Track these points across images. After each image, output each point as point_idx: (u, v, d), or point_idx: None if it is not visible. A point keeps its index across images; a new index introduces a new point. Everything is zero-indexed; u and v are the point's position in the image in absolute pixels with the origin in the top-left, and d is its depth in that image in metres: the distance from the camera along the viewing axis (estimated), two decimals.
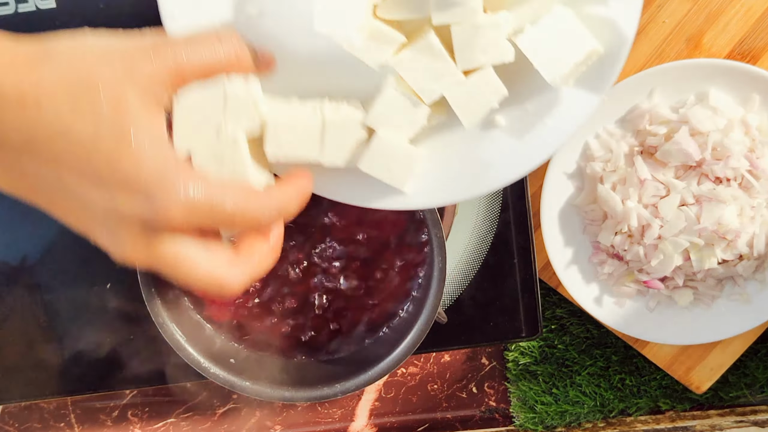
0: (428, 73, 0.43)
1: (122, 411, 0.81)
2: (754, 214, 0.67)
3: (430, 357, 0.80)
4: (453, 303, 0.70)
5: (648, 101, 0.67)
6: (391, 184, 0.46)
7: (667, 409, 0.80)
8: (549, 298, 0.77)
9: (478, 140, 0.47)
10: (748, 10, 0.68)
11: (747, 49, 0.69)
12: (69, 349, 0.70)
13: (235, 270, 0.39)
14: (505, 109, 0.47)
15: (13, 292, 0.69)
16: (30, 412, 0.81)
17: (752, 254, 0.68)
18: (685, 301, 0.71)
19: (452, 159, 0.48)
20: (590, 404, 0.79)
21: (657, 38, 0.69)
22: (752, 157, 0.66)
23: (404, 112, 0.44)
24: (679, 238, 0.66)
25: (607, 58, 0.45)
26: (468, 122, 0.45)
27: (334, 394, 0.57)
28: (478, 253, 0.69)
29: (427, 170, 0.48)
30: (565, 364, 0.79)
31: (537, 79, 0.44)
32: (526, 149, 0.47)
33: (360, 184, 0.47)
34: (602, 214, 0.70)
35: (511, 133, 0.47)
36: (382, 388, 0.81)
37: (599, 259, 0.71)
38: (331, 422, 0.82)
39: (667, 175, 0.66)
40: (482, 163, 0.47)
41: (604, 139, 0.68)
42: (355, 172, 0.46)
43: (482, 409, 0.82)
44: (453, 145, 0.48)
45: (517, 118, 0.47)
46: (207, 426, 0.82)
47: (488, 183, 0.47)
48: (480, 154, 0.47)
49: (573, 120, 0.46)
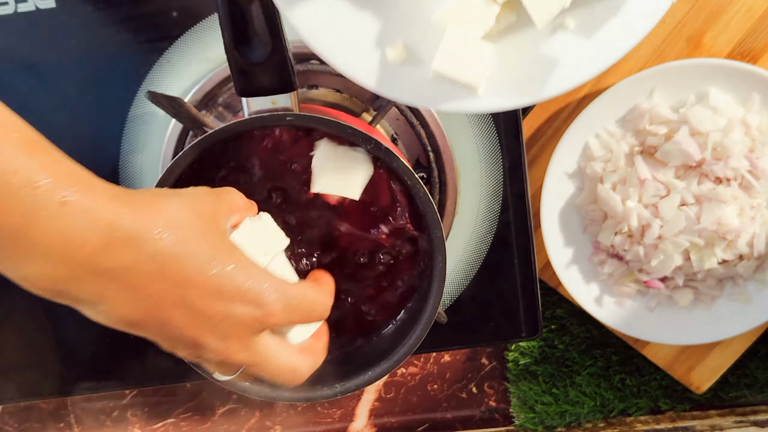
0: None
1: (122, 411, 0.81)
2: (754, 214, 0.67)
3: (430, 357, 0.80)
4: (453, 303, 0.70)
5: (648, 101, 0.67)
6: (464, 82, 0.46)
7: (667, 409, 0.80)
8: (549, 298, 0.77)
9: (549, 41, 0.47)
10: (748, 10, 0.68)
11: (747, 49, 0.69)
12: (69, 349, 0.70)
13: (306, 359, 0.48)
14: (574, 11, 0.47)
15: (13, 292, 0.69)
16: (30, 412, 0.81)
17: (752, 254, 0.68)
18: (685, 301, 0.71)
19: (523, 60, 0.48)
20: (590, 404, 0.79)
21: (657, 38, 0.69)
22: (752, 157, 0.65)
23: (475, 9, 0.45)
24: (679, 238, 0.66)
25: None
26: (540, 21, 0.45)
27: (334, 394, 0.57)
28: (478, 253, 0.69)
29: (499, 72, 0.48)
30: (565, 364, 0.79)
31: None
32: (596, 50, 0.47)
33: (433, 87, 0.48)
34: (602, 214, 0.70)
35: (581, 34, 0.47)
36: (382, 388, 0.81)
37: (599, 259, 0.71)
38: (331, 422, 0.82)
39: (667, 175, 0.66)
40: (553, 63, 0.47)
41: (604, 139, 0.68)
42: (428, 76, 0.47)
43: (482, 409, 0.82)
44: (523, 47, 0.48)
45: (586, 19, 0.47)
46: (207, 426, 0.82)
47: (558, 84, 0.47)
48: (550, 55, 0.47)
49: (640, 21, 0.46)
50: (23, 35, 0.65)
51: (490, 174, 0.68)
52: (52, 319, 0.69)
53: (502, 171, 0.68)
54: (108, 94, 0.67)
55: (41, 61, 0.66)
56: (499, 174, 0.68)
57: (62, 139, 0.68)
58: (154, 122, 0.68)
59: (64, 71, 0.67)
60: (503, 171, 0.68)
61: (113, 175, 0.68)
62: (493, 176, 0.68)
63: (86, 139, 0.68)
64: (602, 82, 0.70)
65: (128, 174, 0.69)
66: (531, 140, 0.72)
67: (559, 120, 0.72)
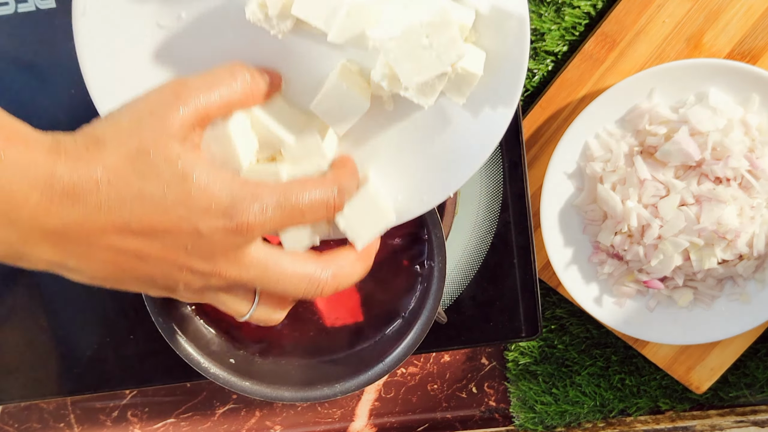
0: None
1: (122, 411, 0.81)
2: (754, 214, 0.67)
3: (430, 357, 0.80)
4: (453, 303, 0.70)
5: (648, 101, 0.67)
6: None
7: (667, 409, 0.80)
8: (549, 298, 0.77)
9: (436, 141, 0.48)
10: (748, 10, 0.68)
11: (747, 49, 0.69)
12: (69, 349, 0.70)
13: (324, 268, 0.44)
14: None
15: (13, 292, 0.69)
16: (30, 412, 0.81)
17: (752, 254, 0.68)
18: (685, 301, 0.71)
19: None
20: (590, 404, 0.79)
21: (657, 38, 0.69)
22: (752, 157, 0.66)
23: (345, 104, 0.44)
24: (679, 238, 0.66)
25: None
26: (426, 102, 0.44)
27: (334, 394, 0.57)
28: (478, 253, 0.69)
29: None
30: (565, 364, 0.79)
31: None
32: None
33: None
34: (602, 214, 0.70)
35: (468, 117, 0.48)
36: (382, 388, 0.81)
37: (599, 259, 0.71)
38: (331, 422, 0.82)
39: (667, 175, 0.66)
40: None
41: (604, 139, 0.68)
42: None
43: (482, 409, 0.82)
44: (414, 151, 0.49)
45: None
46: (207, 426, 0.82)
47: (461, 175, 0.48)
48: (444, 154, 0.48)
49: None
50: (23, 35, 0.65)
51: (490, 174, 0.68)
52: (52, 319, 0.69)
53: (502, 171, 0.68)
54: None
55: (41, 61, 0.66)
56: (499, 174, 0.68)
57: None
58: None
59: (64, 71, 0.67)
60: (503, 171, 0.68)
61: None
62: (493, 176, 0.68)
63: None
64: (602, 82, 0.70)
65: None
66: (531, 140, 0.72)
67: (559, 120, 0.72)
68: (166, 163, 0.39)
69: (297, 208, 0.42)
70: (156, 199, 0.39)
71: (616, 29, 0.69)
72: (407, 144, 0.48)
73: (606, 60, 0.70)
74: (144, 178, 0.39)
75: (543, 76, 0.73)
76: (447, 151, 0.48)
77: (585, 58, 0.70)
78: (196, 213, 0.39)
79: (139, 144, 0.39)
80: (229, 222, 0.40)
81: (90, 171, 0.38)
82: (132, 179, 0.39)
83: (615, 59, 0.70)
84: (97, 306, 0.69)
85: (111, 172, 0.38)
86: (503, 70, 0.46)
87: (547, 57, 0.73)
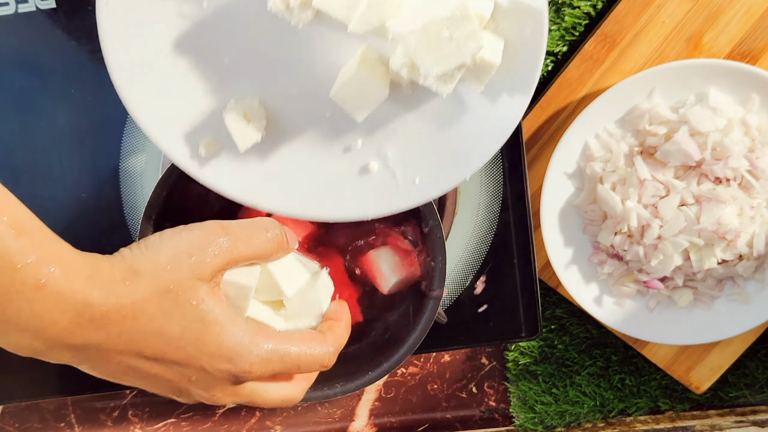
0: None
1: (122, 411, 0.81)
2: (754, 214, 0.67)
3: (430, 357, 0.80)
4: (453, 303, 0.70)
5: (648, 101, 0.67)
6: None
7: (666, 409, 0.80)
8: (549, 298, 0.77)
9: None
10: (748, 10, 0.68)
11: (747, 49, 0.69)
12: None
13: (296, 386, 0.50)
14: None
15: None
16: (30, 412, 0.81)
17: (752, 254, 0.68)
18: (685, 301, 0.71)
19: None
20: (590, 404, 0.79)
21: (657, 38, 0.69)
22: (752, 157, 0.66)
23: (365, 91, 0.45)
24: (679, 238, 0.66)
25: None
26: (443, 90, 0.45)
27: (334, 394, 0.57)
28: (478, 253, 0.69)
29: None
30: (565, 364, 0.79)
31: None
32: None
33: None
34: (602, 214, 0.70)
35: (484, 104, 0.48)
36: (382, 388, 0.81)
37: (599, 259, 0.71)
38: (331, 422, 0.82)
39: (667, 175, 0.66)
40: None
41: (604, 139, 0.68)
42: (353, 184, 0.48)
43: (482, 409, 0.82)
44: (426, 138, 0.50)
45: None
46: (207, 426, 0.82)
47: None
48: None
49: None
50: (24, 35, 0.65)
51: (490, 174, 0.68)
52: None
53: (502, 171, 0.68)
54: (108, 95, 0.67)
55: (41, 61, 0.66)
56: (499, 174, 0.68)
57: (62, 139, 0.68)
58: None
59: (64, 71, 0.67)
60: (503, 171, 0.68)
61: (113, 175, 0.68)
62: (493, 176, 0.68)
63: (86, 139, 0.68)
64: (602, 82, 0.70)
65: (128, 174, 0.69)
66: (531, 140, 0.72)
67: (559, 120, 0.72)
68: (191, 306, 0.44)
69: (295, 362, 0.47)
70: (173, 337, 0.44)
71: (616, 29, 0.69)
72: (425, 128, 0.49)
73: (606, 60, 0.70)
74: (167, 316, 0.43)
75: (543, 76, 0.73)
76: (464, 137, 0.49)
77: (585, 58, 0.70)
78: (205, 355, 0.44)
79: (172, 284, 0.44)
80: (233, 368, 0.45)
81: (120, 304, 0.42)
82: (156, 315, 0.43)
83: (615, 59, 0.70)
84: None
85: (138, 307, 0.43)
86: (521, 58, 0.47)
87: (547, 57, 0.73)
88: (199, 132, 0.49)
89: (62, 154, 0.68)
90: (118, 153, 0.68)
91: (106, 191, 0.68)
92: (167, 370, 0.45)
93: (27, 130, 0.67)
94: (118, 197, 0.69)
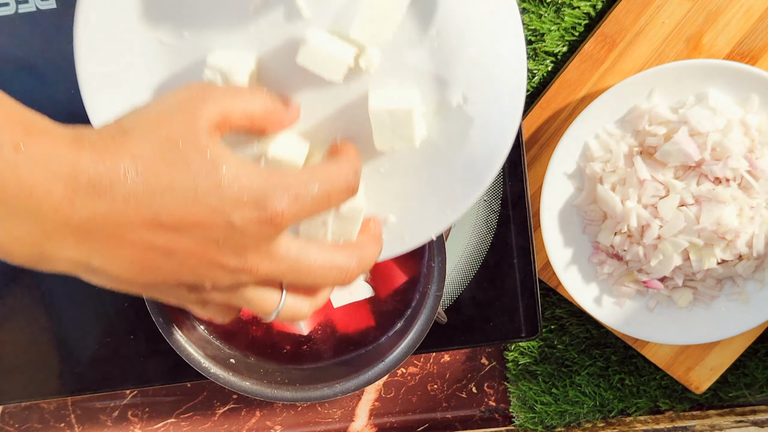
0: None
1: (122, 411, 0.81)
2: (754, 215, 0.67)
3: (430, 357, 0.80)
4: (453, 303, 0.70)
5: (647, 101, 0.67)
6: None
7: (666, 409, 0.80)
8: (549, 298, 0.77)
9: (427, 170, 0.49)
10: (747, 11, 0.68)
11: (746, 49, 0.69)
12: (69, 349, 0.70)
13: (350, 256, 0.44)
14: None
15: (13, 292, 0.69)
16: (30, 412, 0.81)
17: (752, 254, 0.68)
18: (685, 301, 0.71)
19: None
20: (590, 404, 0.79)
21: (657, 38, 0.69)
22: (751, 158, 0.66)
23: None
24: (679, 238, 0.66)
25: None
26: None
27: (334, 394, 0.57)
28: (478, 253, 0.69)
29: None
30: (565, 364, 0.79)
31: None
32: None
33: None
34: (602, 215, 0.70)
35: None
36: (382, 388, 0.81)
37: (599, 259, 0.71)
38: (331, 422, 0.82)
39: (667, 176, 0.66)
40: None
41: (604, 139, 0.68)
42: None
43: (482, 409, 0.82)
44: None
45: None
46: (207, 426, 0.82)
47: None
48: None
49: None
50: (24, 36, 0.66)
51: None
52: (52, 319, 0.69)
53: (502, 171, 0.68)
54: None
55: (41, 61, 0.66)
56: (499, 174, 0.68)
57: None
58: None
59: (64, 71, 0.67)
60: (503, 171, 0.68)
61: None
62: None
63: None
64: (602, 82, 0.70)
65: None
66: (531, 140, 0.72)
67: (559, 120, 0.72)
68: (196, 152, 0.38)
69: (325, 193, 0.41)
70: (187, 190, 0.38)
71: (615, 30, 0.69)
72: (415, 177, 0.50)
73: (606, 60, 0.70)
74: (173, 168, 0.38)
75: (543, 76, 0.73)
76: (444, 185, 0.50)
77: (585, 58, 0.70)
78: (228, 204, 0.38)
79: (168, 133, 0.38)
80: (263, 213, 0.39)
81: (117, 161, 0.37)
82: (161, 169, 0.37)
83: (615, 59, 0.70)
84: (98, 306, 0.69)
85: (139, 162, 0.37)
86: (489, 135, 0.47)
87: (547, 57, 0.73)
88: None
89: None
90: None
91: None
92: (191, 239, 0.38)
93: None
94: None
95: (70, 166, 0.36)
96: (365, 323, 0.61)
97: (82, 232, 0.37)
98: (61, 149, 0.36)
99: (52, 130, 0.37)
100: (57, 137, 0.36)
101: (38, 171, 0.35)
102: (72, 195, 0.36)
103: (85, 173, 0.36)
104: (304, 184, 0.40)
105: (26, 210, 0.35)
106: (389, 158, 0.49)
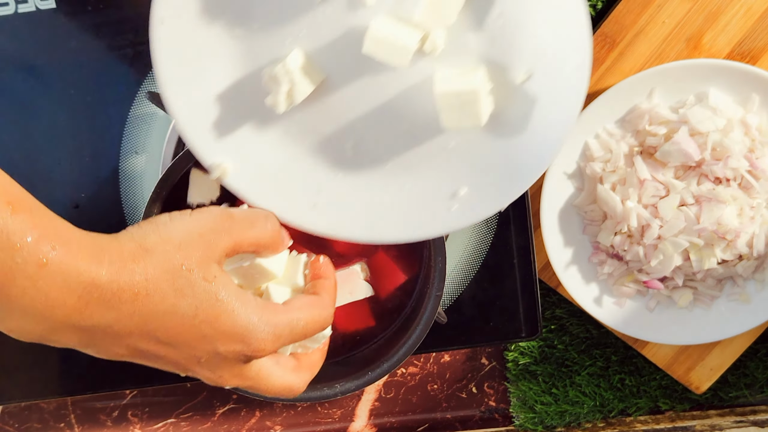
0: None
1: (122, 411, 0.81)
2: (754, 214, 0.67)
3: (430, 357, 0.80)
4: (453, 303, 0.70)
5: (648, 101, 0.67)
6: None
7: (666, 409, 0.80)
8: (549, 298, 0.77)
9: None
10: (747, 10, 0.68)
11: (747, 49, 0.69)
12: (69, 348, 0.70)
13: (300, 376, 0.49)
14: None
15: None
16: (30, 412, 0.81)
17: (752, 254, 0.68)
18: (685, 301, 0.71)
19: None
20: (590, 404, 0.79)
21: (657, 38, 0.69)
22: (752, 158, 0.66)
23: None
24: (679, 238, 0.66)
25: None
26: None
27: (334, 394, 0.57)
28: (478, 253, 0.69)
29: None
30: (565, 364, 0.79)
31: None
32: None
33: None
34: (602, 214, 0.70)
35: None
36: (382, 388, 0.81)
37: (599, 259, 0.71)
38: (331, 422, 0.82)
39: (667, 176, 0.66)
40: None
41: (604, 139, 0.68)
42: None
43: (482, 409, 0.82)
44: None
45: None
46: (207, 426, 0.82)
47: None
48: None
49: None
50: (24, 36, 0.66)
51: None
52: None
53: None
54: (108, 94, 0.67)
55: (41, 61, 0.66)
56: None
57: (62, 139, 0.68)
58: (154, 122, 0.68)
59: (64, 71, 0.67)
60: None
61: (113, 175, 0.68)
62: None
63: (86, 139, 0.68)
64: (602, 82, 0.70)
65: (128, 174, 0.69)
66: None
67: None
68: (204, 282, 0.43)
69: (302, 331, 0.47)
70: (187, 316, 0.42)
71: (616, 29, 0.69)
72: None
73: (606, 60, 0.70)
74: (180, 294, 0.42)
75: None
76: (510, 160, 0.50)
77: None
78: (218, 334, 0.43)
79: (184, 262, 0.43)
80: (246, 348, 0.44)
81: (132, 282, 0.41)
82: (168, 294, 0.42)
83: (615, 59, 0.70)
84: None
85: (150, 285, 0.41)
86: (555, 109, 0.48)
87: None
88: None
89: (62, 155, 0.68)
90: (117, 153, 0.68)
91: (106, 192, 0.68)
92: (177, 353, 0.44)
93: (27, 130, 0.67)
94: (118, 198, 0.69)
95: (87, 282, 0.39)
96: (365, 323, 0.61)
97: (85, 332, 0.41)
98: (81, 265, 0.39)
99: (74, 241, 0.40)
100: (78, 250, 0.40)
101: (56, 285, 0.39)
102: (83, 307, 0.40)
103: (99, 291, 0.40)
104: (289, 326, 0.46)
105: (40, 314, 0.39)
106: (456, 134, 0.49)
